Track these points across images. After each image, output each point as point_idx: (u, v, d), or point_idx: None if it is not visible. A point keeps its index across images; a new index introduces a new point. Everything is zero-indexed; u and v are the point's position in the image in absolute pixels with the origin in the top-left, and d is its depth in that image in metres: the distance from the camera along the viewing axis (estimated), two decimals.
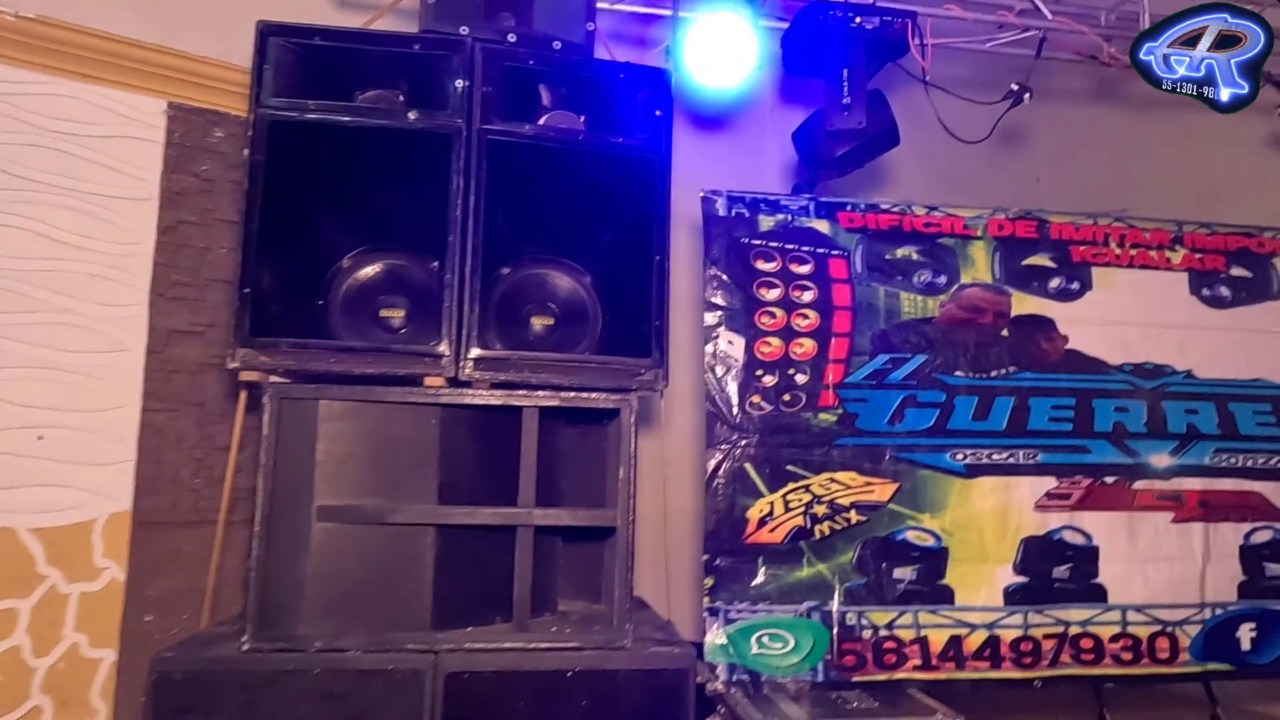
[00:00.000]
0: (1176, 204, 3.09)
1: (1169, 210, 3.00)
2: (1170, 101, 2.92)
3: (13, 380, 2.95)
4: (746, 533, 2.59)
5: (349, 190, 2.31)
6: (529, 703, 2.11)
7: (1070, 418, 2.76)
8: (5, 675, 2.88)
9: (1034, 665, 2.66)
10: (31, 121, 3.04)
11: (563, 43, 2.33)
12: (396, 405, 2.18)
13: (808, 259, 2.68)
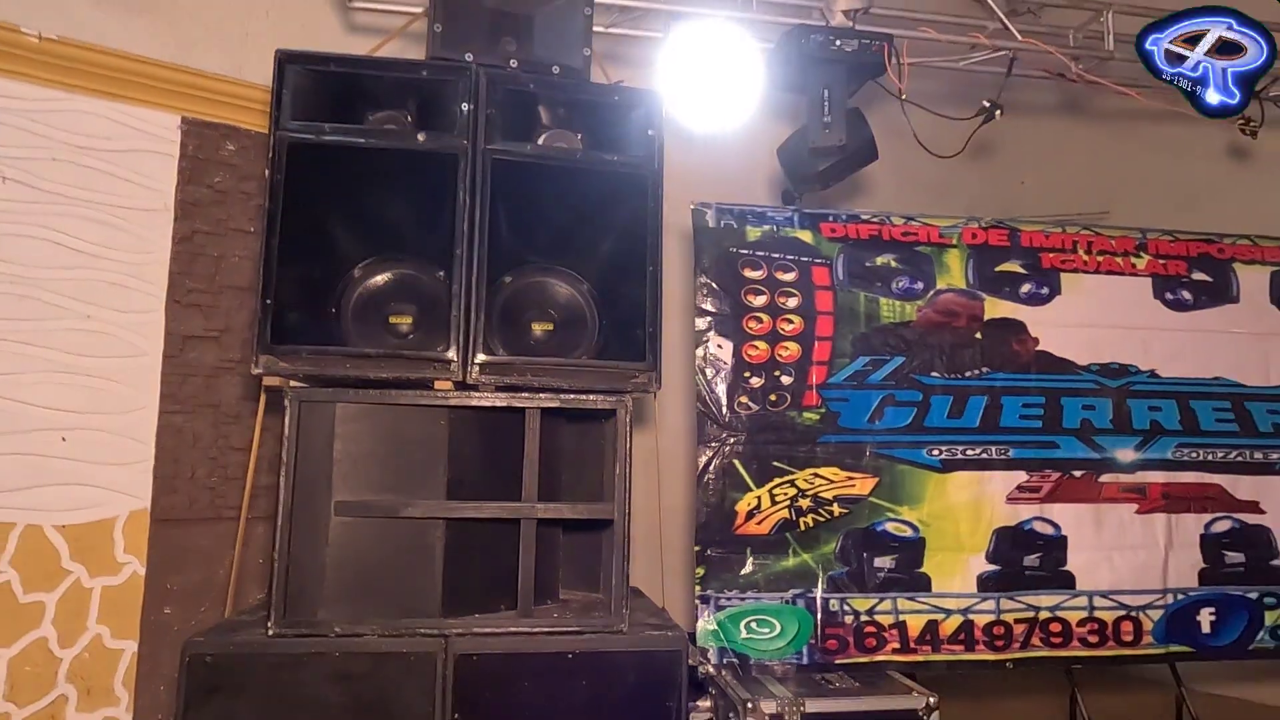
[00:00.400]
0: (1141, 212, 3.25)
1: (1135, 218, 3.16)
2: (1136, 115, 3.08)
3: (37, 384, 3.11)
4: (735, 525, 2.75)
5: (361, 205, 2.46)
6: (533, 682, 2.27)
7: (1040, 415, 2.93)
8: (33, 665, 3.04)
9: (1006, 648, 2.83)
10: (54, 137, 3.20)
11: (561, 67, 2.48)
12: (408, 407, 2.33)
13: (792, 267, 2.84)
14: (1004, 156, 3.55)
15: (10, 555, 3.03)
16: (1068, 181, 3.70)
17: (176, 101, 3.43)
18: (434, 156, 2.35)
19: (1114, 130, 3.60)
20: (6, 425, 3.05)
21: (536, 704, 2.28)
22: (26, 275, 3.13)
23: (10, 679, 3.00)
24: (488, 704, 2.24)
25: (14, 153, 3.13)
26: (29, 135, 3.16)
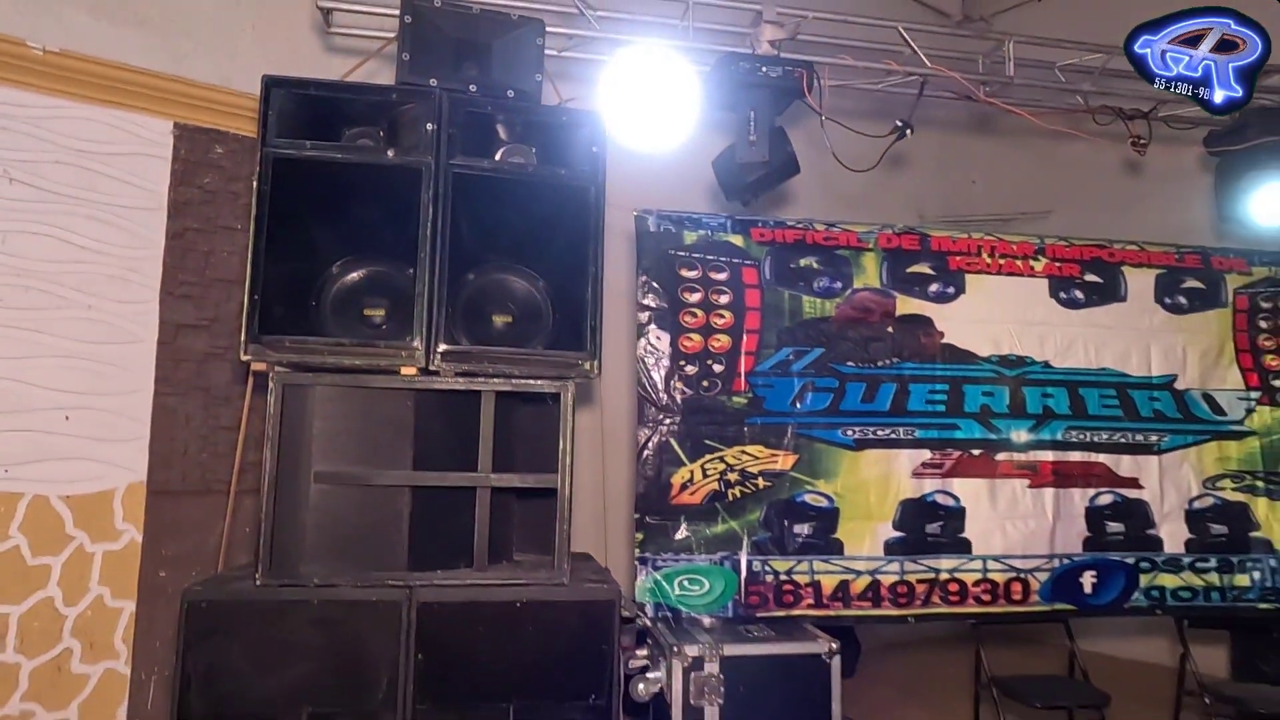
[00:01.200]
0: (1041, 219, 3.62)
1: (1034, 225, 3.53)
2: (1037, 132, 3.44)
3: (43, 367, 3.42)
4: (671, 496, 3.11)
5: (338, 211, 2.77)
6: (486, 628, 2.62)
7: (944, 400, 3.30)
8: (41, 621, 3.37)
9: (909, 605, 3.21)
10: (56, 141, 3.50)
11: (516, 90, 2.80)
12: (379, 390, 2.67)
13: (724, 268, 3.19)
14: (917, 167, 3.90)
15: (19, 522, 3.35)
16: (976, 190, 4.07)
17: (169, 108, 3.72)
18: (402, 170, 2.67)
19: (1017, 144, 3.96)
20: (15, 405, 3.37)
21: (489, 646, 2.63)
22: (33, 269, 3.43)
23: (20, 634, 3.32)
24: (446, 646, 2.59)
25: (20, 155, 3.42)
26: (34, 139, 3.46)
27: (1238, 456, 3.51)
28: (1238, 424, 3.53)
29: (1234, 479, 3.48)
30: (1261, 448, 3.51)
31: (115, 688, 3.49)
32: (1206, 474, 3.47)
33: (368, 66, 3.05)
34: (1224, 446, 3.51)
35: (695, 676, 2.71)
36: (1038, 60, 3.45)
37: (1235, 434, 3.52)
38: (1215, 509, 3.46)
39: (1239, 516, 3.45)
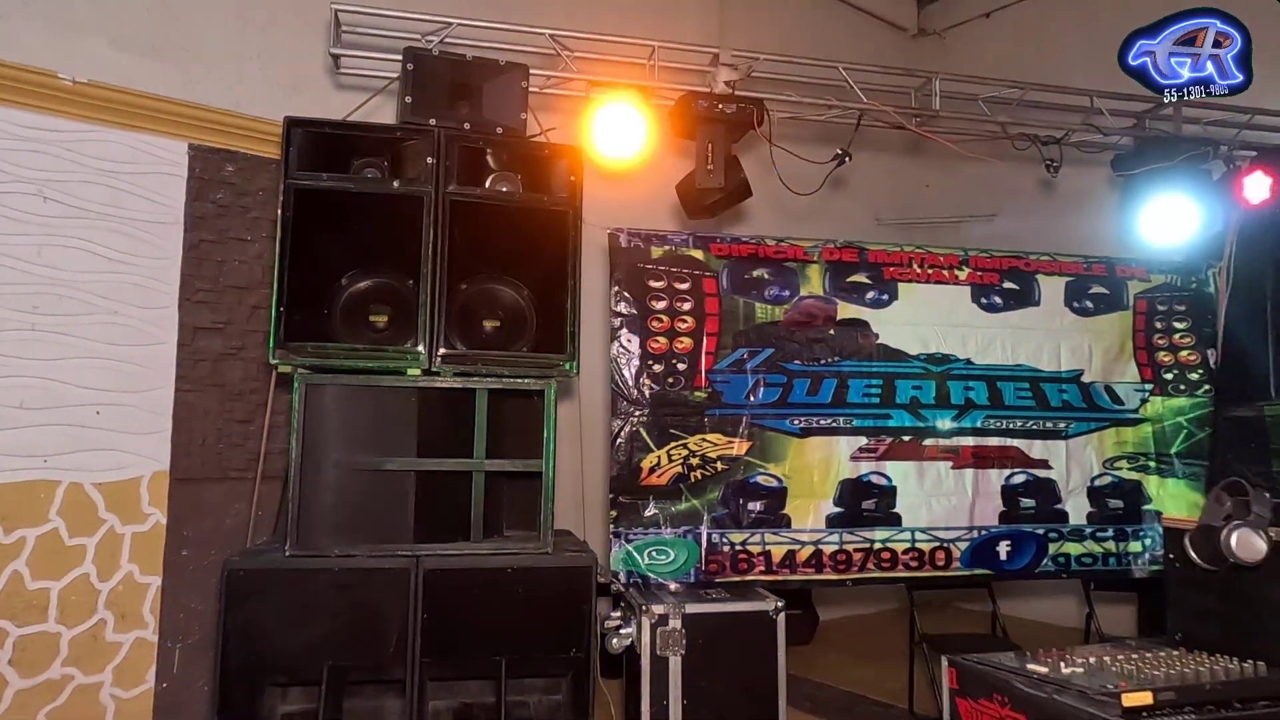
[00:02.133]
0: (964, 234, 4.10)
1: (981, 226, 4.01)
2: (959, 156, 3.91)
3: (75, 367, 3.80)
4: (641, 478, 3.56)
5: (349, 232, 3.18)
6: (482, 591, 3.06)
7: (878, 394, 3.78)
8: (78, 595, 3.76)
9: (847, 570, 3.69)
10: (85, 163, 3.86)
11: (504, 127, 3.22)
12: (387, 388, 3.10)
13: (687, 279, 3.64)
14: (857, 188, 4.36)
15: (57, 507, 3.73)
16: (911, 206, 4.54)
17: (184, 131, 4.09)
18: (405, 197, 3.09)
19: (943, 169, 4.43)
20: (51, 401, 3.74)
21: (484, 607, 3.08)
22: (65, 279, 3.80)
23: (60, 606, 3.71)
24: (448, 607, 3.03)
25: (53, 176, 3.78)
26: (65, 161, 3.82)
27: (1133, 440, 4.03)
28: (1134, 412, 4.05)
29: (1129, 460, 4.01)
30: (1153, 432, 4.03)
31: (144, 654, 3.88)
32: (1106, 455, 3.99)
33: (377, 102, 3.46)
34: (1121, 432, 4.02)
35: (661, 631, 3.17)
36: (964, 93, 3.92)
37: (1131, 420, 4.04)
38: (1113, 486, 3.97)
39: (1133, 492, 3.97)
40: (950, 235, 5.44)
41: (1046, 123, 3.95)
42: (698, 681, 3.19)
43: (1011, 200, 4.40)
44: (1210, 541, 1.85)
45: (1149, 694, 1.50)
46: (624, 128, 3.47)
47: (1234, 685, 1.62)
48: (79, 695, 3.71)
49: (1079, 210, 4.43)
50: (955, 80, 3.87)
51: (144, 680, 3.87)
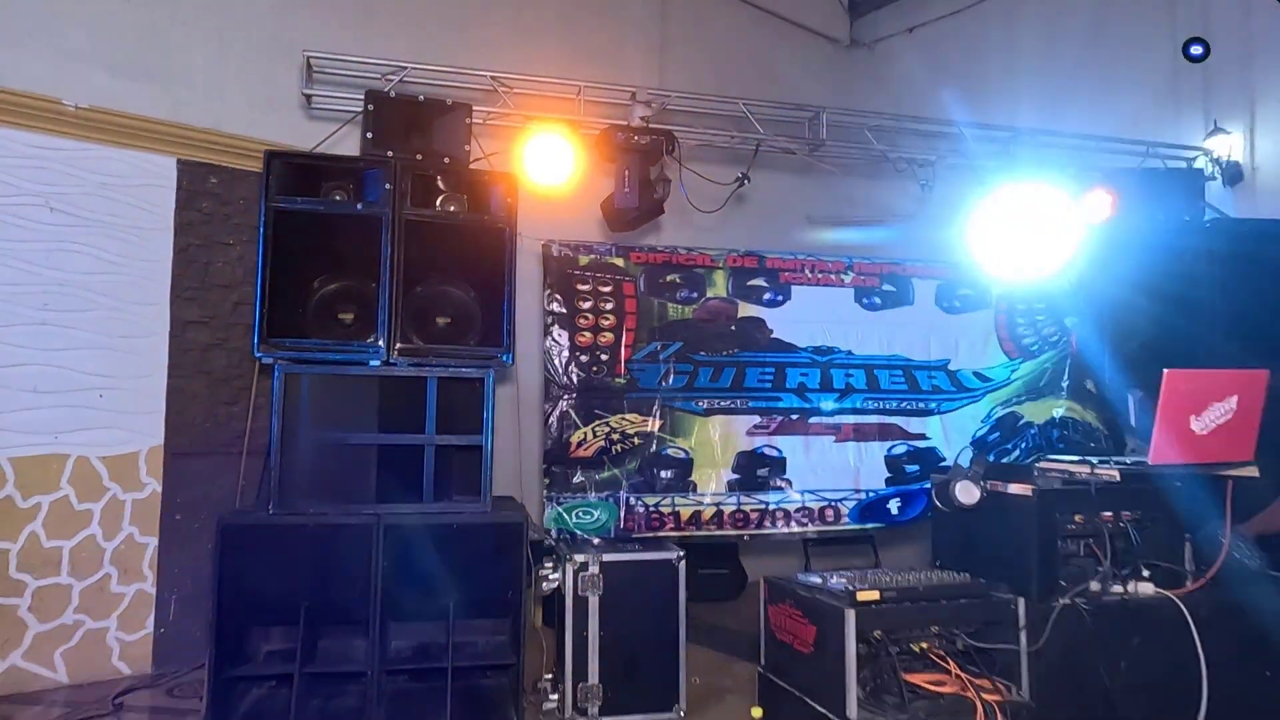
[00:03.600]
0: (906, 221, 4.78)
1: (901, 226, 4.69)
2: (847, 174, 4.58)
3: (81, 356, 4.38)
4: (570, 451, 4.22)
5: (320, 245, 3.78)
6: (433, 543, 3.70)
7: (771, 379, 4.46)
8: (86, 552, 4.36)
9: (744, 527, 4.39)
10: (87, 178, 4.42)
11: (450, 157, 3.84)
12: (353, 377, 3.73)
13: (609, 283, 4.28)
14: (757, 204, 4.99)
15: (68, 476, 4.32)
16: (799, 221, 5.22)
17: (173, 148, 4.64)
18: (367, 217, 3.70)
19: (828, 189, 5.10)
20: (60, 385, 4.31)
21: (436, 557, 3.71)
22: (71, 279, 4.35)
23: (72, 562, 4.30)
24: (404, 557, 3.66)
25: (58, 189, 4.33)
26: (69, 176, 4.36)
27: (1009, 393, 4.76)
28: (1005, 382, 4.78)
29: (1004, 404, 4.74)
30: (1025, 383, 4.77)
31: (144, 603, 4.49)
32: (983, 414, 4.72)
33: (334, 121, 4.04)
34: (995, 395, 4.75)
35: (582, 576, 3.84)
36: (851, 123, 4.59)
37: (1005, 385, 4.77)
38: (996, 422, 4.70)
39: (1010, 419, 4.71)
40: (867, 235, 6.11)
41: (923, 146, 4.64)
42: (613, 618, 3.85)
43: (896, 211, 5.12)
44: (946, 491, 2.54)
45: (876, 592, 2.18)
46: (555, 155, 4.09)
47: (939, 588, 2.31)
48: (89, 638, 4.32)
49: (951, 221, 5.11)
50: (842, 113, 4.53)
51: (144, 626, 4.48)
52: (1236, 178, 5.74)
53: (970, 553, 2.57)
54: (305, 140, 4.40)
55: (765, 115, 4.43)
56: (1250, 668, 2.39)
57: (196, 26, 4.68)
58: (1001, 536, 2.42)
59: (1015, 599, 2.26)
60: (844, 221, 5.56)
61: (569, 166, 4.11)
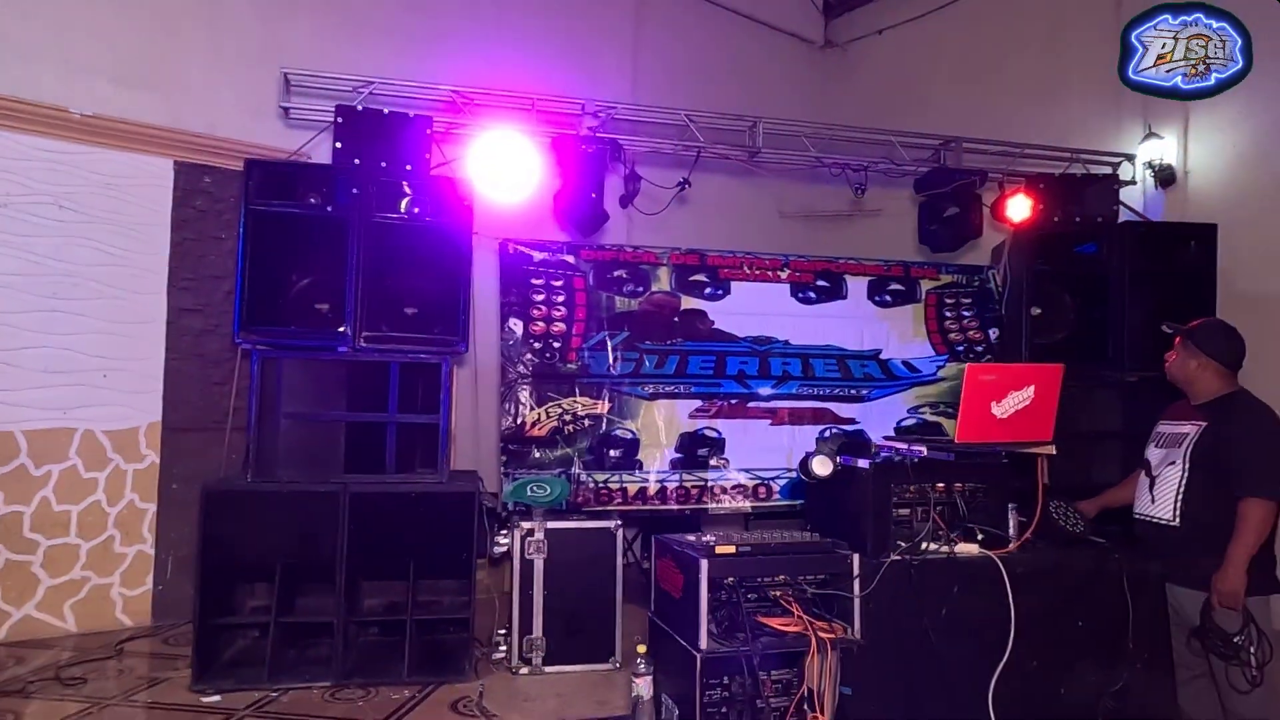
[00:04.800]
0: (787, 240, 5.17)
1: (781, 246, 5.08)
2: (783, 178, 4.96)
3: (88, 340, 4.84)
4: (526, 431, 4.66)
5: (296, 243, 4.21)
6: (394, 509, 4.16)
7: (712, 367, 4.87)
8: (93, 516, 4.84)
9: (686, 502, 4.82)
10: (92, 178, 4.88)
11: (413, 164, 4.27)
12: (324, 361, 4.18)
13: (561, 278, 4.70)
14: (699, 205, 5.37)
15: (75, 448, 4.80)
16: (744, 221, 5.61)
17: (170, 151, 5.09)
18: (338, 220, 4.13)
19: (767, 188, 5.47)
20: (69, 366, 4.78)
21: (397, 523, 4.18)
22: (78, 271, 4.82)
23: (79, 524, 4.79)
24: (369, 522, 4.11)
25: (67, 189, 4.78)
26: (76, 177, 4.81)
27: (934, 394, 5.15)
28: (931, 376, 5.17)
29: (931, 407, 5.13)
30: (950, 388, 5.15)
31: (144, 563, 4.98)
32: (909, 405, 5.11)
33: (312, 128, 4.47)
34: (922, 390, 5.14)
35: (528, 540, 4.29)
36: (787, 131, 4.97)
37: (930, 381, 5.16)
38: (918, 425, 5.09)
39: (934, 429, 5.10)
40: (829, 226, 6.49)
41: (857, 151, 5.01)
42: (556, 579, 4.29)
43: (830, 212, 5.50)
44: (807, 465, 2.95)
45: (732, 547, 2.60)
46: (510, 162, 4.49)
47: (788, 545, 2.72)
48: (94, 592, 4.81)
49: (886, 223, 5.49)
50: (779, 122, 4.91)
51: (144, 583, 4.98)
52: (1169, 181, 6.09)
53: (829, 517, 2.98)
54: (291, 143, 4.84)
55: (707, 124, 4.82)
56: (1064, 618, 2.80)
57: (192, 40, 5.11)
58: (848, 503, 2.83)
59: (851, 555, 2.67)
60: (814, 213, 5.94)
61: (523, 172, 4.51)
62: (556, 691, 4.01)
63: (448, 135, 4.56)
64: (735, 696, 2.71)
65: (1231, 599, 2.79)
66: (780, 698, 2.69)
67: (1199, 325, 3.16)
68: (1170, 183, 6.08)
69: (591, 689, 3.96)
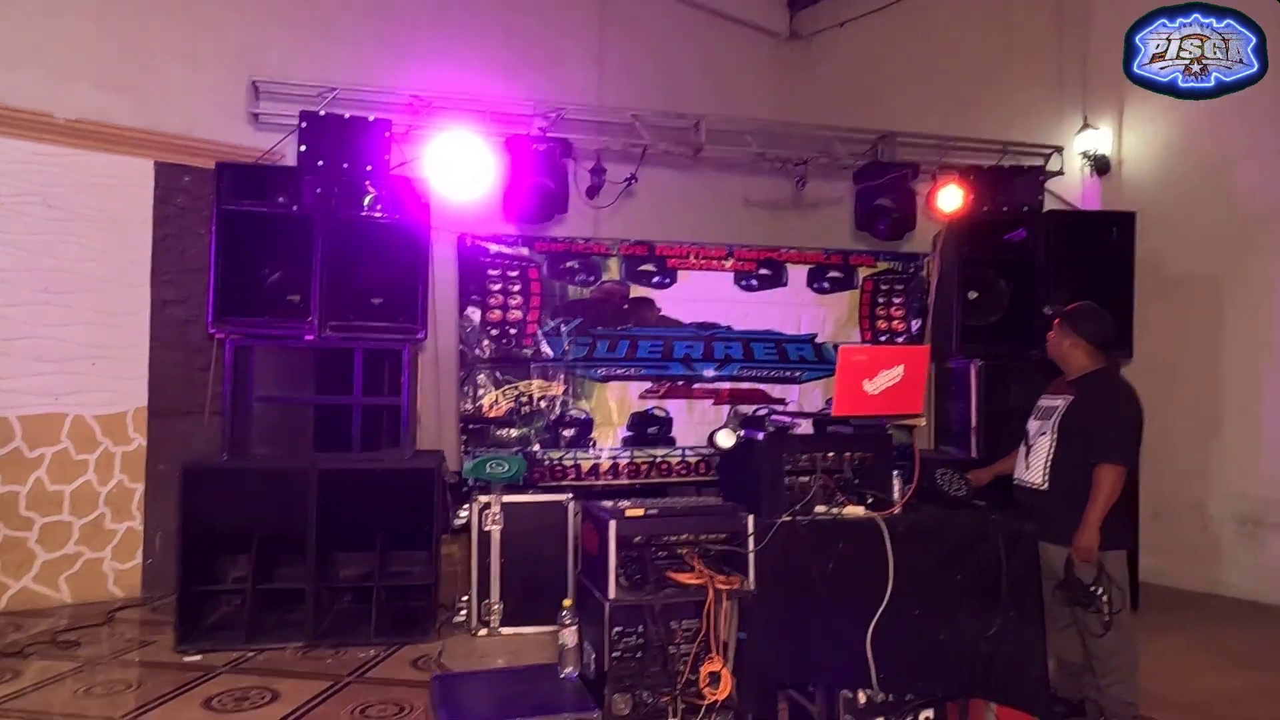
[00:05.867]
0: (734, 231, 5.50)
1: (732, 236, 5.41)
2: (726, 172, 5.28)
3: (77, 330, 5.18)
4: (484, 411, 5.00)
5: (266, 240, 4.53)
6: (359, 485, 4.51)
7: (660, 351, 5.21)
8: (85, 495, 5.20)
9: (636, 477, 5.16)
10: (78, 179, 5.20)
11: (373, 165, 4.59)
12: (294, 348, 4.52)
13: (516, 268, 5.03)
14: (647, 199, 5.67)
15: (66, 431, 5.15)
16: (696, 212, 5.94)
17: (151, 152, 5.40)
18: (302, 218, 4.45)
19: (712, 182, 5.80)
20: (60, 355, 5.12)
21: (364, 498, 4.54)
22: (65, 265, 5.14)
23: (72, 502, 5.14)
24: (337, 497, 4.44)
25: (53, 189, 5.10)
26: (63, 177, 5.12)
27: None
28: None
29: None
30: None
31: (134, 539, 5.34)
32: (829, 395, 5.44)
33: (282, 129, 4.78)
34: None
35: (486, 513, 4.64)
36: (731, 129, 5.29)
37: None
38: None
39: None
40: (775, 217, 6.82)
41: (798, 145, 5.33)
42: (512, 548, 4.65)
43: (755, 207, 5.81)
44: (713, 437, 3.30)
45: (641, 510, 2.95)
46: (466, 160, 4.79)
47: (691, 507, 3.07)
48: (87, 566, 5.18)
49: (823, 213, 5.80)
50: (721, 120, 5.23)
51: (134, 557, 5.34)
52: (1105, 170, 6.41)
53: (736, 484, 3.33)
54: (266, 143, 5.13)
55: (653, 122, 5.14)
56: (945, 573, 3.14)
57: (171, 46, 5.42)
58: (747, 471, 3.18)
59: (746, 516, 3.02)
60: (781, 205, 6.27)
61: (478, 170, 4.83)
62: (510, 649, 4.38)
63: (408, 136, 4.87)
64: (651, 642, 3.07)
65: (1087, 554, 3.14)
66: (690, 644, 3.05)
67: (1074, 308, 3.49)
68: (1105, 171, 6.40)
69: (540, 647, 4.32)
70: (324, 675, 4.01)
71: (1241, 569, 5.66)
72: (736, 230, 5.69)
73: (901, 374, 2.92)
